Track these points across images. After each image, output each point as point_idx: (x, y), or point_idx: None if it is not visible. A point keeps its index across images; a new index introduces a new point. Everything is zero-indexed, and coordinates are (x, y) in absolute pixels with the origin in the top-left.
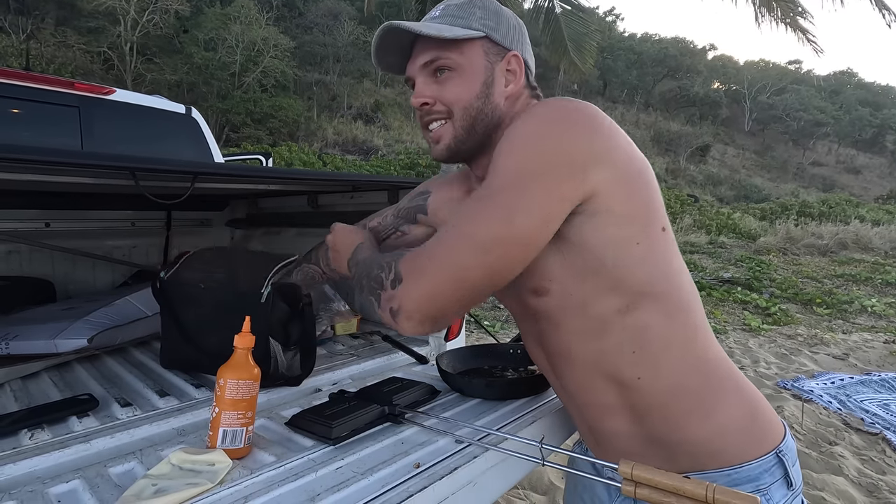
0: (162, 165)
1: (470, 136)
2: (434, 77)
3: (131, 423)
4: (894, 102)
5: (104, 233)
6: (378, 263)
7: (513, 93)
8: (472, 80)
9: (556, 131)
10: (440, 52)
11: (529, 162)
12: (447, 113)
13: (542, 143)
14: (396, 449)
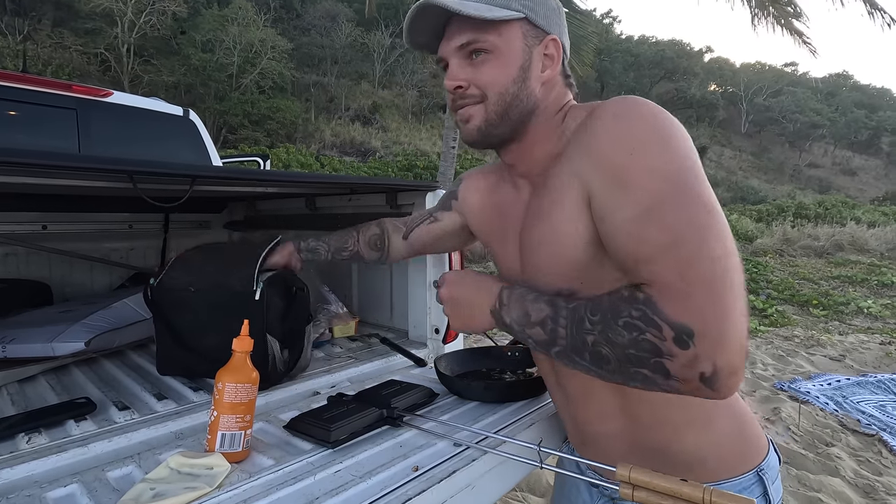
0: (160, 168)
1: (502, 122)
2: (469, 59)
3: (129, 427)
4: (889, 105)
5: (101, 235)
6: (611, 322)
7: (549, 78)
8: (509, 64)
9: (671, 123)
10: (477, 34)
11: (686, 160)
12: (481, 97)
13: (685, 141)
14: (395, 452)
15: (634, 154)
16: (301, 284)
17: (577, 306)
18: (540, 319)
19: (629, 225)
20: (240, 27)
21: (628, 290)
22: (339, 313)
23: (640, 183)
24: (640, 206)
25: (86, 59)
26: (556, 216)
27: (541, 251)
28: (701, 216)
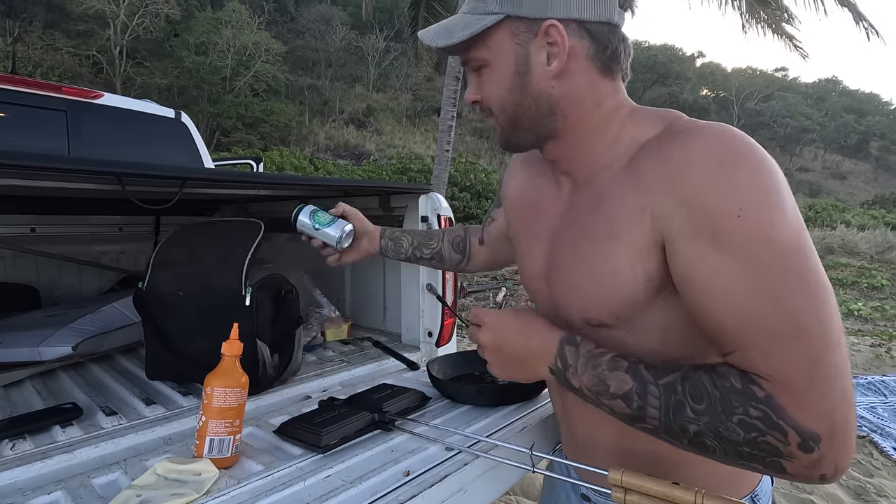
0: (149, 171)
1: (516, 130)
2: (477, 75)
3: (116, 433)
4: (878, 109)
5: (91, 238)
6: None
7: (560, 70)
8: (502, 73)
9: (780, 179)
10: (465, 53)
11: (801, 226)
12: (489, 109)
13: (791, 196)
14: (386, 457)
15: (745, 216)
16: (290, 287)
17: (671, 385)
18: (622, 393)
19: (738, 300)
20: (233, 30)
21: (738, 378)
22: (331, 317)
23: (753, 253)
24: (754, 282)
25: (77, 60)
26: (612, 246)
27: (580, 272)
28: (821, 300)
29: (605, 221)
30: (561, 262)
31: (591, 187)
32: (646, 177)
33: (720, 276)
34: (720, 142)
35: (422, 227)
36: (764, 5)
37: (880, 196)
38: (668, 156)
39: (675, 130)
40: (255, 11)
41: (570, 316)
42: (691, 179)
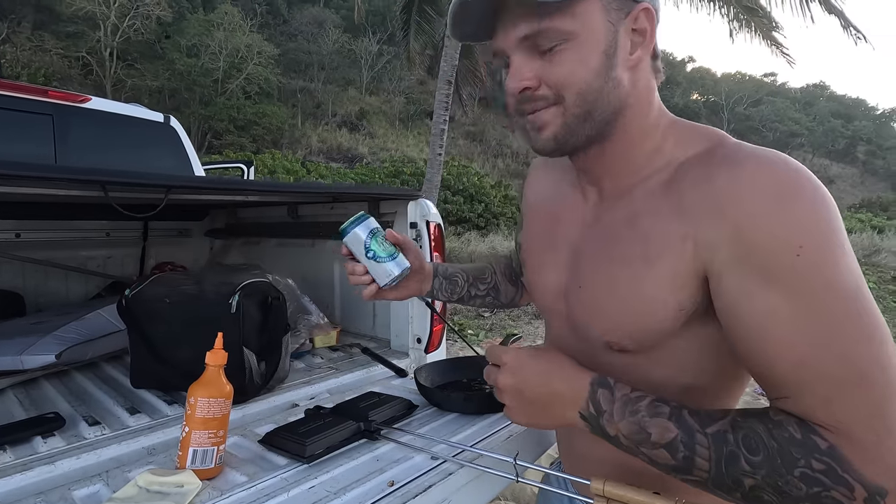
0: (133, 179)
1: (583, 126)
2: (536, 51)
3: (99, 443)
4: (864, 114)
5: (77, 243)
6: (781, 469)
7: (638, 61)
8: (589, 52)
9: (836, 216)
10: (545, 21)
11: (857, 266)
12: (555, 98)
13: (845, 236)
14: (371, 466)
15: (804, 255)
16: (277, 294)
17: (721, 435)
18: (666, 441)
19: (795, 345)
20: (226, 32)
21: (797, 428)
22: (320, 323)
23: (812, 296)
24: (814, 327)
25: (67, 62)
26: (645, 271)
27: (606, 293)
28: (882, 346)
29: (640, 243)
30: (584, 279)
31: (625, 202)
32: (688, 201)
33: (775, 317)
34: (775, 170)
35: (411, 233)
36: (751, 13)
37: (867, 200)
38: (715, 182)
39: (723, 154)
40: (248, 14)
41: (589, 337)
42: (745, 210)
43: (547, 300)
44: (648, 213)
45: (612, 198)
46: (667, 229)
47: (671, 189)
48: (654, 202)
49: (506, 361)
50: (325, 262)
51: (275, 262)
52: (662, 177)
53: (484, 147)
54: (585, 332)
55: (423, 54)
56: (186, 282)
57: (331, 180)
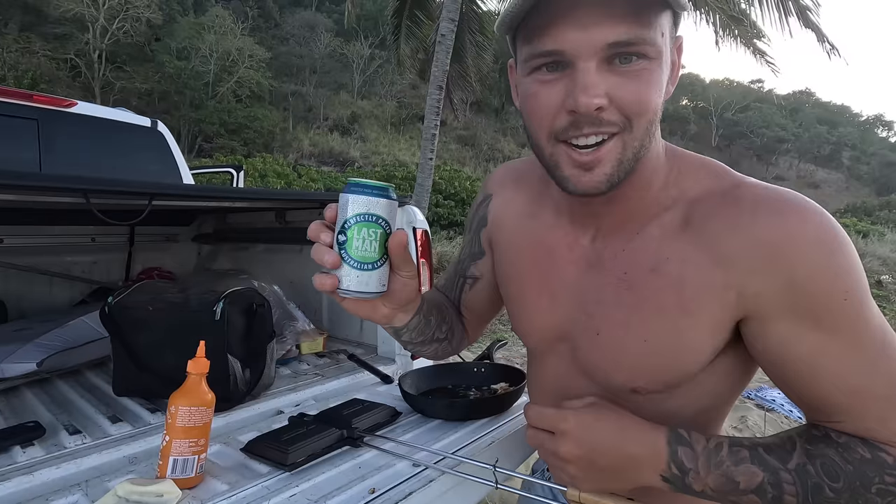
0: (115, 187)
1: (635, 161)
2: (610, 64)
3: (79, 452)
4: (849, 121)
5: (62, 249)
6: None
7: (669, 94)
8: (663, 77)
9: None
10: (642, 30)
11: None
12: (621, 125)
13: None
14: (353, 474)
15: (850, 299)
16: (262, 300)
17: (803, 468)
18: (755, 486)
19: (848, 377)
20: (216, 35)
21: (866, 448)
22: (307, 329)
23: (858, 334)
24: (861, 359)
25: (55, 64)
26: (685, 321)
27: (635, 343)
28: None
29: (673, 292)
30: (602, 326)
31: (637, 244)
32: (728, 250)
33: (825, 354)
34: (814, 221)
35: None
36: (736, 22)
37: (852, 205)
38: (756, 232)
39: (752, 198)
40: (239, 17)
41: (610, 383)
42: (797, 262)
43: (544, 342)
44: (676, 260)
45: (615, 236)
46: (706, 279)
47: (694, 233)
48: (677, 246)
49: (568, 429)
50: (313, 268)
51: (263, 268)
52: (677, 217)
53: (475, 151)
54: (606, 378)
55: (414, 58)
56: (170, 289)
57: (322, 184)
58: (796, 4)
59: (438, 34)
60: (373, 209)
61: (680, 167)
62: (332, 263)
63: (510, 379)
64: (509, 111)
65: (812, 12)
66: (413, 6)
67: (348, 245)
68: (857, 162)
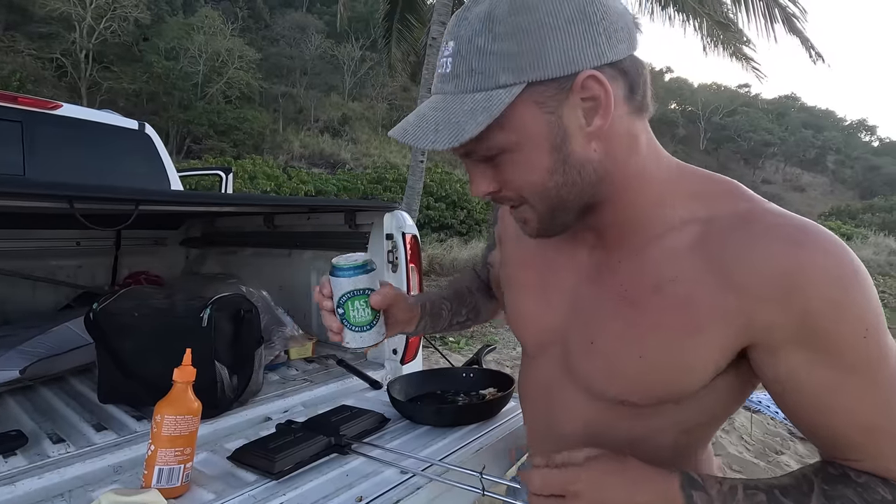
0: (101, 193)
1: (562, 214)
2: (487, 162)
3: (63, 461)
4: (834, 125)
5: (46, 253)
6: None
7: (601, 127)
8: (534, 156)
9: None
10: (474, 145)
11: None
12: (519, 199)
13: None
14: (340, 482)
15: (869, 338)
16: (249, 306)
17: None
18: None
19: (865, 416)
20: (206, 36)
21: (887, 489)
22: (295, 335)
23: (876, 372)
24: (879, 398)
25: (40, 64)
26: (690, 342)
27: (632, 358)
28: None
29: (677, 313)
30: (598, 337)
31: (640, 262)
32: (741, 277)
33: (841, 390)
34: (834, 254)
35: (387, 244)
36: (723, 28)
37: (836, 208)
38: (772, 261)
39: (768, 224)
40: (229, 18)
41: (601, 393)
42: (813, 295)
43: (537, 344)
44: (683, 281)
45: (615, 250)
46: (715, 302)
47: (705, 255)
48: (685, 267)
49: (579, 491)
50: (302, 272)
51: (251, 272)
52: (685, 237)
53: None
54: (599, 388)
55: (405, 61)
56: (156, 294)
57: (312, 186)
58: (783, 12)
59: (430, 37)
60: (358, 285)
61: (690, 187)
62: (337, 330)
63: (498, 384)
64: None
65: (798, 20)
66: (404, 9)
67: (346, 316)
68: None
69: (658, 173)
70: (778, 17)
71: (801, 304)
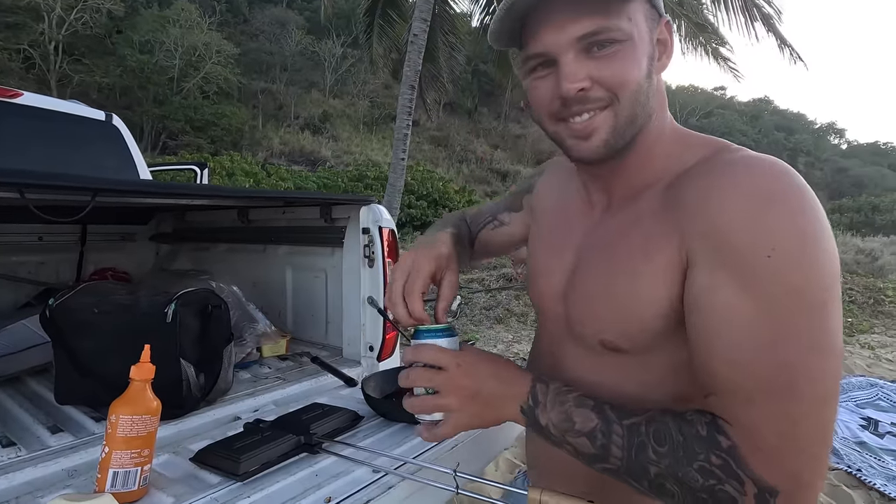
0: (52, 181)
1: (630, 129)
2: (588, 53)
3: (11, 466)
4: (804, 128)
5: (5, 248)
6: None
7: (663, 68)
8: (641, 55)
9: (824, 228)
10: (604, 20)
11: (833, 283)
12: (609, 99)
13: (832, 251)
14: (309, 482)
15: (775, 258)
16: (217, 301)
17: (636, 427)
18: (587, 430)
19: (742, 343)
20: (182, 29)
21: (705, 426)
22: (268, 332)
23: (775, 301)
24: (766, 331)
25: (7, 55)
26: (642, 266)
27: (601, 291)
28: (825, 364)
29: (638, 241)
30: (581, 279)
31: (630, 207)
32: (680, 198)
33: (731, 314)
34: (761, 174)
35: (363, 238)
36: (701, 29)
37: None
38: (705, 181)
39: (721, 158)
40: (206, 11)
41: (584, 336)
42: (723, 209)
43: (545, 303)
44: (647, 215)
45: (619, 204)
46: (662, 227)
47: (671, 191)
48: (656, 204)
49: (460, 363)
50: (276, 268)
51: (225, 268)
52: (665, 182)
53: (448, 152)
54: (581, 330)
55: (387, 58)
56: (119, 290)
57: (292, 183)
58: (760, 11)
59: (411, 34)
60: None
61: (686, 142)
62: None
63: None
64: (482, 112)
65: (774, 20)
66: (385, 5)
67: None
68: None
69: (670, 138)
70: (757, 16)
71: (712, 213)
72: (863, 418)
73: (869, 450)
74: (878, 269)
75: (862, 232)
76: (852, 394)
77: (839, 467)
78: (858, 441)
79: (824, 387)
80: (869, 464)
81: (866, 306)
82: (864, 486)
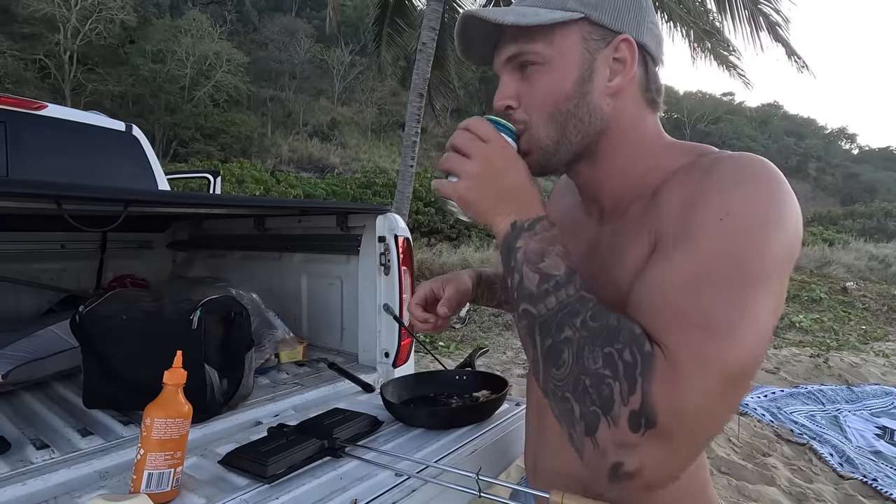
0: (90, 193)
1: (561, 146)
2: (519, 73)
3: (47, 468)
4: (815, 133)
5: (29, 256)
6: (598, 339)
7: (619, 88)
8: (560, 78)
9: (786, 217)
10: (523, 44)
11: (777, 253)
12: (526, 122)
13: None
14: (334, 485)
15: (726, 222)
16: (240, 308)
17: (586, 299)
18: (546, 272)
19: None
20: (193, 39)
21: (640, 328)
22: (286, 338)
23: (714, 262)
24: (691, 276)
25: (23, 65)
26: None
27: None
28: (747, 332)
29: (622, 247)
30: None
31: (621, 217)
32: (661, 200)
33: (670, 270)
34: (737, 164)
35: (379, 247)
36: (709, 36)
37: (818, 214)
38: (684, 179)
39: (700, 162)
40: (217, 21)
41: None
42: (695, 191)
43: None
44: (633, 222)
45: (609, 215)
46: (642, 229)
47: (654, 198)
48: (640, 211)
49: (504, 146)
50: (292, 275)
51: (240, 276)
52: (652, 188)
53: None
54: None
55: (395, 66)
56: (145, 297)
57: (301, 190)
58: (766, 20)
59: (420, 42)
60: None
61: (671, 152)
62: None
63: (492, 386)
64: None
65: (782, 28)
66: (394, 14)
67: None
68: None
69: (655, 150)
70: (763, 25)
71: (688, 199)
72: (878, 427)
73: (885, 459)
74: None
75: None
76: (867, 402)
77: (855, 477)
78: (874, 450)
79: (741, 353)
80: (885, 473)
81: (880, 313)
82: (881, 497)
